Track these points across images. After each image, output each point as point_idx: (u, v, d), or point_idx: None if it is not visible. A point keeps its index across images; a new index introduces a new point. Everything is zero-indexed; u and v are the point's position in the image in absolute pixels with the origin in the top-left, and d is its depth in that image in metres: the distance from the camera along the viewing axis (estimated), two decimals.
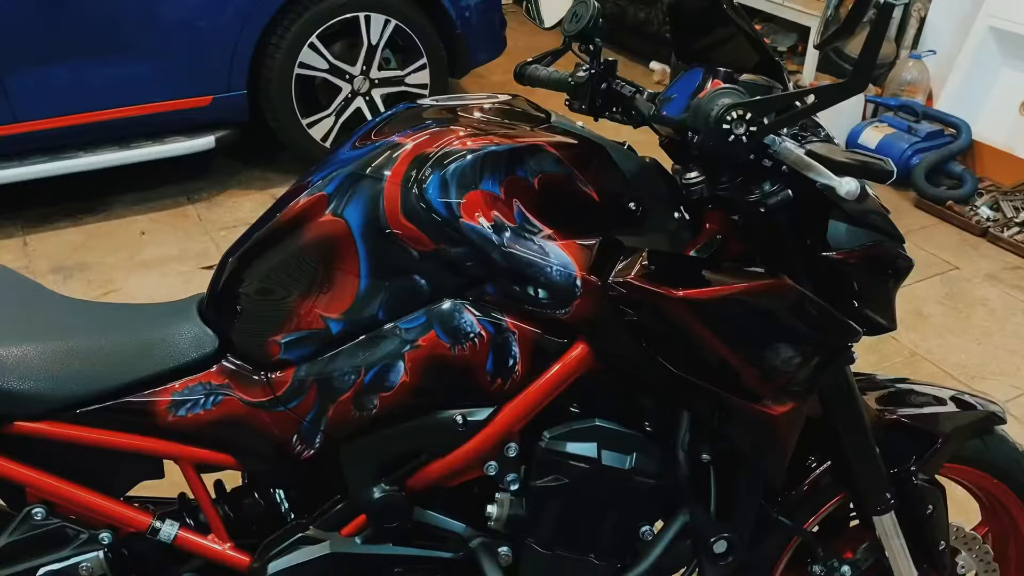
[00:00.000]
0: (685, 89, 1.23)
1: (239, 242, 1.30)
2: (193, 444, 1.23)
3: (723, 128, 0.96)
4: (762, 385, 1.17)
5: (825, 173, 0.96)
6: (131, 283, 3.18)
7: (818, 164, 0.97)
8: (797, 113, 0.99)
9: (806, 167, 0.99)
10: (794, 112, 0.99)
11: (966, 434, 1.51)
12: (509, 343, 1.17)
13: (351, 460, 1.23)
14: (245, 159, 4.01)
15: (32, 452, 1.20)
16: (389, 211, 1.14)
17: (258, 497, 1.33)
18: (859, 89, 0.93)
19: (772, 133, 0.99)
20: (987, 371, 2.87)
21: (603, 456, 1.21)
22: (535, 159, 1.17)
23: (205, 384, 1.22)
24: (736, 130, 0.96)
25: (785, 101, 0.98)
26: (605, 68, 1.44)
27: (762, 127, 0.97)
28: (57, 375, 1.18)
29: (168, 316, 1.28)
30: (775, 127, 0.98)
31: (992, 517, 1.70)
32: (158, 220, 3.59)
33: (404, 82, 3.89)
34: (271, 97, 3.63)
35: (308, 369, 1.20)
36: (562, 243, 1.16)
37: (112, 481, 1.26)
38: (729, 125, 0.96)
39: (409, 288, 1.17)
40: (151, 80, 3.39)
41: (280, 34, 3.53)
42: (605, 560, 1.27)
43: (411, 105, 1.34)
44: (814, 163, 0.98)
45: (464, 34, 3.88)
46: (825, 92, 0.97)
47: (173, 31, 3.35)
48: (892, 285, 1.27)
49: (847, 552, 1.56)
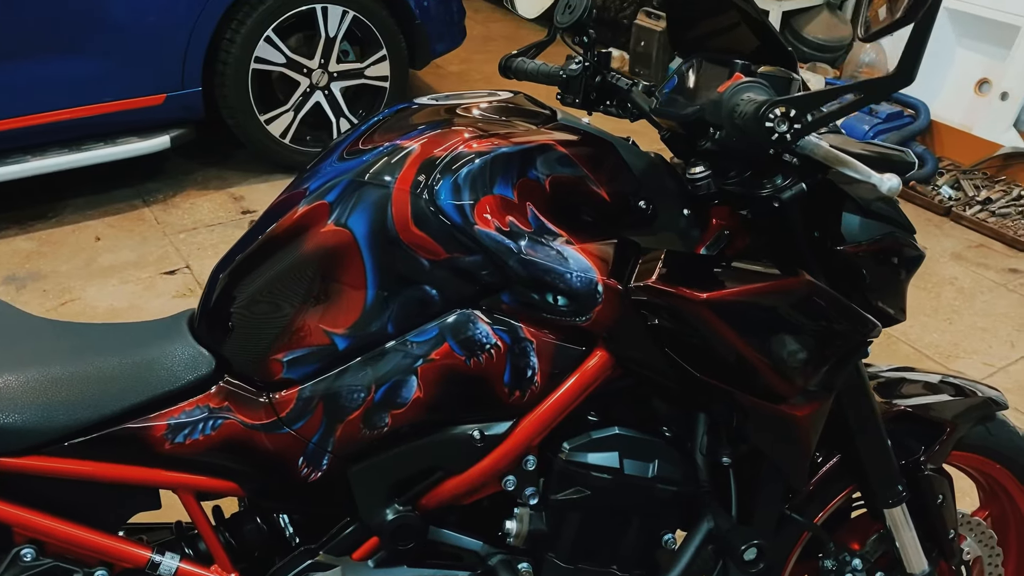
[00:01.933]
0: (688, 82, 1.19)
1: (229, 255, 1.22)
2: (193, 472, 1.16)
3: (765, 126, 0.92)
4: (786, 385, 1.14)
5: (864, 170, 0.93)
6: (89, 292, 3.05)
7: (855, 160, 0.94)
8: (841, 109, 0.96)
9: (841, 163, 0.95)
10: (838, 108, 0.96)
11: (971, 421, 1.51)
12: (527, 353, 1.12)
13: (361, 481, 1.17)
14: (200, 158, 3.88)
15: (18, 489, 1.12)
16: (398, 219, 1.08)
17: (260, 522, 1.27)
18: (907, 82, 0.90)
19: (816, 131, 0.96)
20: (960, 350, 2.90)
21: (625, 465, 1.17)
22: (546, 159, 1.12)
23: (203, 408, 1.15)
24: (779, 128, 0.93)
25: (830, 97, 0.94)
26: (599, 60, 1.39)
27: (806, 124, 0.93)
28: (41, 406, 1.10)
29: (157, 336, 1.20)
30: (819, 124, 0.95)
31: (992, 501, 1.71)
32: (113, 225, 3.45)
33: (364, 75, 3.79)
34: (227, 94, 3.51)
35: (313, 388, 1.13)
36: (579, 247, 1.11)
37: (106, 515, 1.18)
38: (772, 123, 0.93)
39: (419, 299, 1.11)
40: (101, 79, 3.24)
41: (235, 28, 3.41)
42: (628, 572, 1.23)
43: (405, 106, 1.28)
44: (850, 159, 0.94)
45: (424, 24, 3.79)
46: (871, 86, 0.94)
47: (123, 27, 3.21)
48: (904, 276, 1.25)
49: (853, 544, 1.56)
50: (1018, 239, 3.41)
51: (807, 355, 1.13)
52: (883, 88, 0.94)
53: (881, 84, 0.93)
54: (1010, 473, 1.60)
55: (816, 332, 1.14)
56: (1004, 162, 3.83)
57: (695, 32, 1.26)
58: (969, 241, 3.51)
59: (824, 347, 1.14)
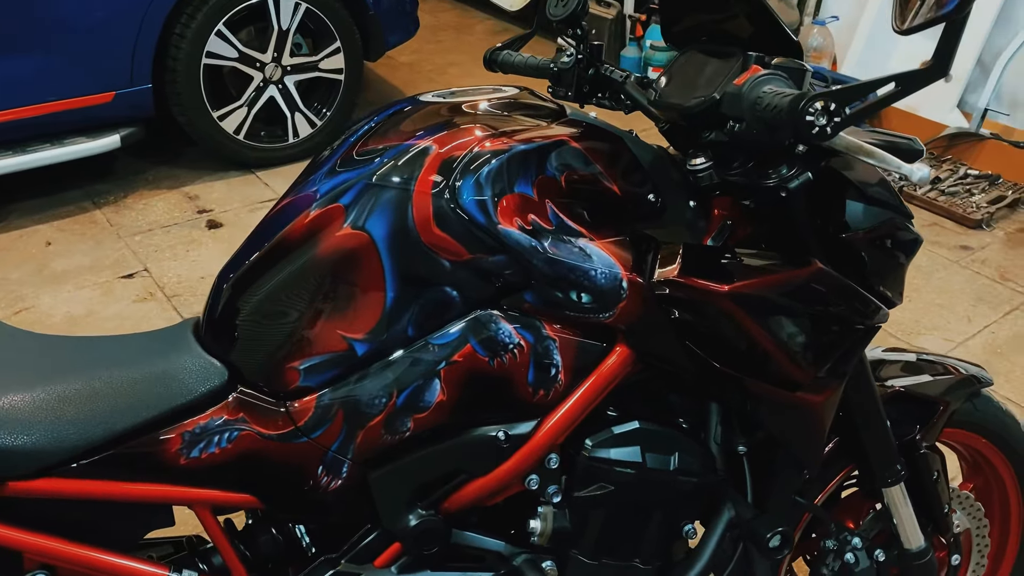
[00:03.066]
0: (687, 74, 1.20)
1: (234, 262, 1.19)
2: (209, 486, 1.12)
3: (806, 119, 0.93)
4: (804, 373, 1.16)
5: (893, 160, 0.94)
6: (43, 299, 2.95)
7: (882, 151, 0.95)
8: (879, 102, 0.97)
9: (867, 154, 0.97)
10: (876, 101, 0.97)
11: (962, 398, 1.55)
12: (550, 351, 1.11)
13: (383, 487, 1.15)
14: (151, 157, 3.78)
15: (28, 512, 1.07)
16: (419, 221, 1.06)
17: (275, 533, 1.24)
18: (943, 74, 0.92)
19: (854, 123, 0.96)
20: (921, 327, 2.98)
21: (647, 459, 1.18)
22: (561, 156, 1.11)
23: (218, 420, 1.11)
24: (819, 121, 0.93)
25: (869, 90, 0.95)
26: (592, 52, 1.39)
27: (845, 118, 0.94)
28: (50, 425, 1.06)
29: (164, 347, 1.16)
30: (859, 117, 0.96)
31: (975, 474, 1.76)
32: (64, 228, 3.33)
33: (318, 67, 3.73)
34: (178, 90, 3.42)
35: (332, 395, 1.11)
36: (599, 243, 1.11)
37: (119, 535, 1.14)
38: (812, 116, 0.93)
39: (439, 300, 1.09)
40: (46, 77, 3.13)
41: (185, 22, 3.32)
42: (650, 563, 1.24)
43: (406, 103, 1.25)
44: (877, 150, 0.96)
45: (377, 15, 3.74)
46: (908, 79, 0.95)
47: (68, 23, 3.09)
48: (904, 260, 1.28)
49: (847, 523, 1.59)
50: (967, 217, 3.52)
51: (824, 342, 1.15)
52: (920, 80, 0.95)
53: (918, 76, 0.95)
54: (995, 447, 1.65)
55: (832, 319, 1.16)
56: (950, 142, 3.94)
57: (689, 23, 1.26)
58: (921, 220, 3.61)
59: (839, 333, 1.16)
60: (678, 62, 1.24)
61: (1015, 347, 2.89)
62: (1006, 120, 3.92)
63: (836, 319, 1.16)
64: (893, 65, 4.18)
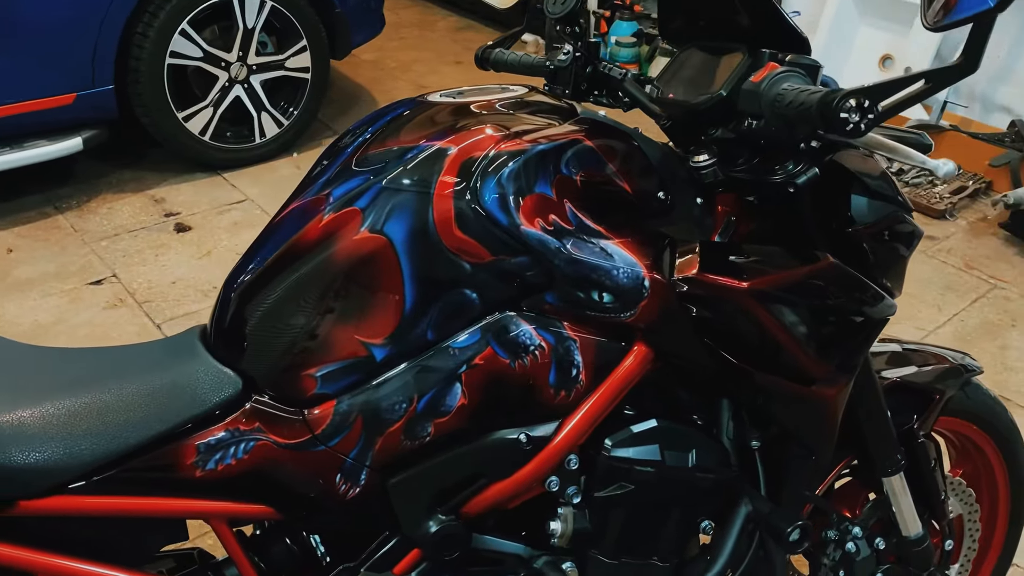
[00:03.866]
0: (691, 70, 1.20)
1: (241, 267, 1.16)
2: (225, 498, 1.10)
3: (840, 117, 0.93)
4: (819, 367, 1.17)
5: (918, 156, 0.95)
6: (8, 308, 2.86)
7: (905, 147, 0.96)
8: (910, 98, 0.98)
9: (890, 150, 0.98)
10: (907, 97, 0.98)
11: (956, 387, 1.58)
12: (571, 352, 1.11)
13: (402, 493, 1.13)
14: (112, 160, 3.69)
15: (40, 531, 1.04)
16: (440, 223, 1.04)
17: (290, 543, 1.21)
18: (973, 69, 0.93)
19: (886, 120, 0.97)
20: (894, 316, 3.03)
21: (666, 457, 1.18)
22: (576, 155, 1.11)
23: (233, 430, 1.09)
24: (852, 118, 0.94)
25: (901, 86, 0.96)
26: (589, 50, 1.38)
27: (878, 114, 0.95)
28: (62, 441, 1.02)
29: (173, 356, 1.13)
30: (890, 114, 0.97)
31: (965, 460, 1.80)
32: (25, 235, 3.24)
33: (284, 66, 3.68)
34: (141, 91, 3.34)
35: (350, 402, 1.09)
36: (619, 242, 1.11)
37: (132, 551, 1.11)
38: (847, 114, 0.94)
39: (459, 303, 1.08)
40: (3, 79, 3.03)
41: (147, 21, 3.25)
42: (667, 560, 1.24)
43: (413, 103, 1.23)
44: (901, 146, 0.97)
45: (344, 13, 3.70)
46: (938, 75, 0.96)
47: (26, 22, 3.00)
48: (905, 253, 1.30)
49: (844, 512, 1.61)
50: (931, 207, 3.59)
51: (838, 335, 1.17)
52: (950, 76, 0.96)
53: (948, 72, 0.96)
54: (986, 435, 1.69)
55: (845, 312, 1.17)
56: None
57: (688, 20, 1.26)
58: None
59: (853, 325, 1.18)
60: (679, 59, 1.24)
61: (983, 334, 2.96)
62: (964, 112, 4.01)
63: (849, 312, 1.18)
64: (855, 58, 4.25)
